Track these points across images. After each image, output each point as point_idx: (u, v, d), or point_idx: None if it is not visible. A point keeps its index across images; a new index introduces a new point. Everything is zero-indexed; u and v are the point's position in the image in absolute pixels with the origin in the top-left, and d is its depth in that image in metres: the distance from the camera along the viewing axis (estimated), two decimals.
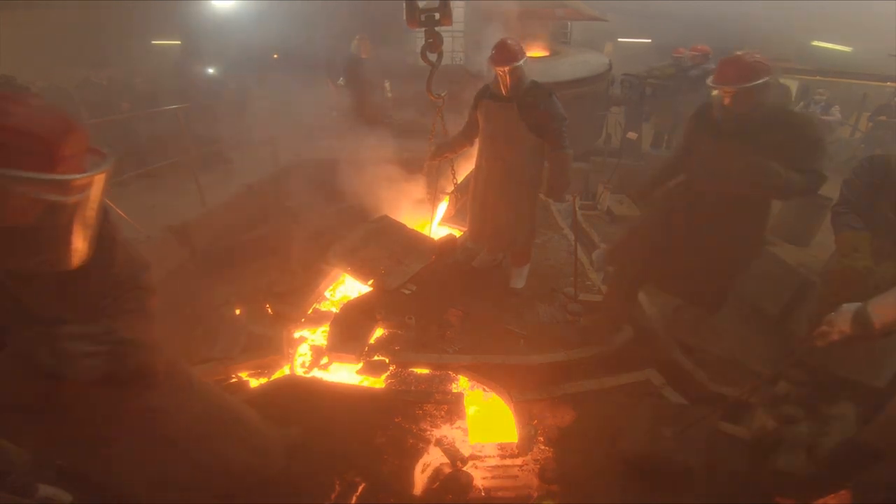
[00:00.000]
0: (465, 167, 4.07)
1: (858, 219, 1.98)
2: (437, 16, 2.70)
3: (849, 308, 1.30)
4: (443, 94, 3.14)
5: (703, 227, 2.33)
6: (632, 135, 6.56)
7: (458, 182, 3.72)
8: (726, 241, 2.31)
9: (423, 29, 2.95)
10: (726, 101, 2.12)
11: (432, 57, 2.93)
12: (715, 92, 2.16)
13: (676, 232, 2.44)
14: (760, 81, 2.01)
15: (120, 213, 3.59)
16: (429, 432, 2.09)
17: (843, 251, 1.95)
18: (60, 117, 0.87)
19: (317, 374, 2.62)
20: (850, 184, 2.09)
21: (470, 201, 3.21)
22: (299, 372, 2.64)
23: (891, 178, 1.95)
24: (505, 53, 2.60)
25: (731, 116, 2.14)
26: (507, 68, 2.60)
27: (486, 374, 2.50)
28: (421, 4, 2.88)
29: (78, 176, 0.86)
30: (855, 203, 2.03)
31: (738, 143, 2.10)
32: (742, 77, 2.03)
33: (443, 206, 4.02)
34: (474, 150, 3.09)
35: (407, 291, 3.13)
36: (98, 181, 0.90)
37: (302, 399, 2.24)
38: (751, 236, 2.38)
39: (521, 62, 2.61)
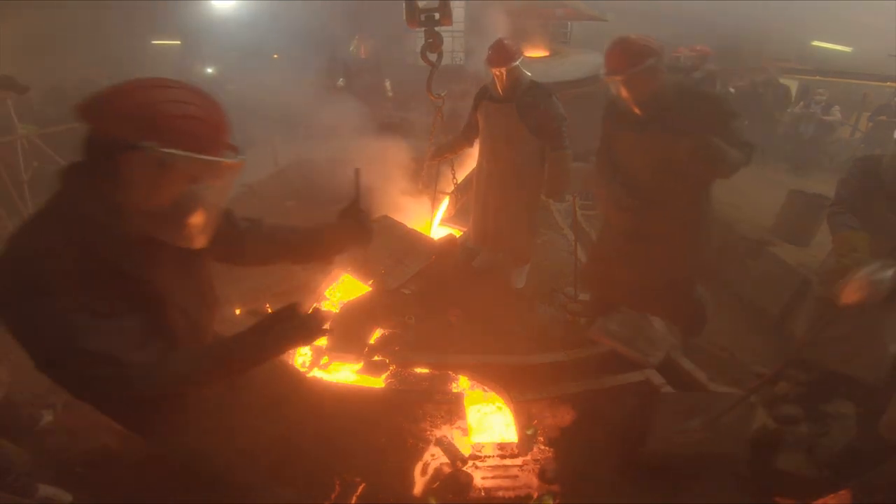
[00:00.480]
0: (466, 167, 4.07)
1: (855, 219, 1.98)
2: (437, 16, 2.70)
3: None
4: (443, 95, 3.14)
5: (642, 234, 2.22)
6: None
7: (458, 182, 3.72)
8: (668, 243, 2.19)
9: (423, 29, 2.95)
10: (621, 91, 2.03)
11: (432, 57, 2.93)
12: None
13: (620, 245, 2.36)
14: (647, 64, 1.92)
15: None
16: (429, 432, 2.09)
17: (842, 251, 1.94)
18: (221, 107, 1.00)
19: (316, 373, 2.62)
20: (846, 184, 2.10)
21: (471, 202, 3.22)
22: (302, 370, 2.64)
23: (884, 178, 1.96)
24: (501, 54, 2.60)
25: (638, 105, 2.04)
26: (503, 69, 2.60)
27: (486, 374, 2.50)
28: (421, 4, 2.88)
29: (233, 160, 1.00)
30: (851, 203, 2.03)
31: (656, 130, 2.01)
32: (628, 63, 1.94)
33: (443, 207, 4.02)
34: (475, 151, 3.10)
35: (407, 291, 3.13)
36: (238, 167, 1.03)
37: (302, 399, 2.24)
38: (692, 231, 2.23)
39: (518, 62, 2.61)
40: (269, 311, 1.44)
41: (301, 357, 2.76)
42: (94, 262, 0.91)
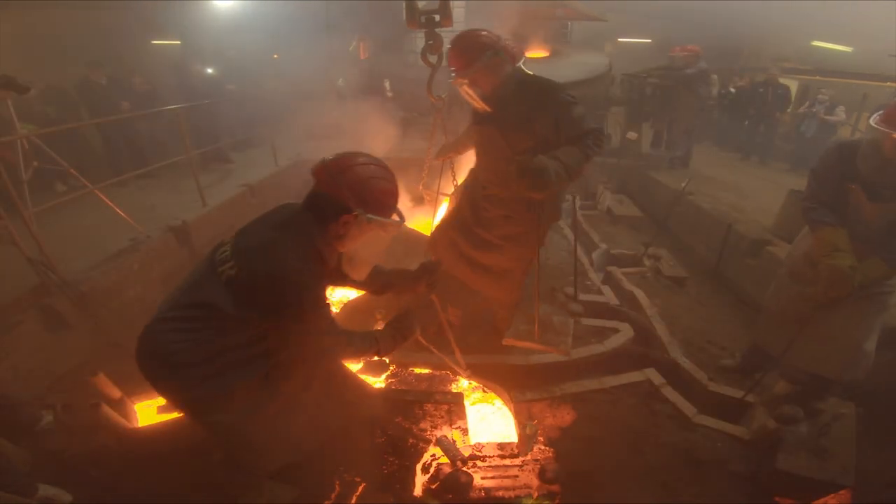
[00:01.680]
0: (467, 169, 4.06)
1: (831, 214, 1.95)
2: (438, 17, 2.69)
3: None
4: (443, 97, 3.14)
5: (483, 222, 2.31)
6: (632, 135, 6.57)
7: (459, 184, 3.71)
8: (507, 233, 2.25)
9: (424, 31, 2.94)
10: (466, 88, 1.96)
11: (433, 58, 2.92)
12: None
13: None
14: (485, 59, 1.86)
15: (120, 213, 3.59)
16: (429, 432, 2.09)
17: (824, 251, 1.91)
18: (395, 180, 1.45)
19: None
20: (817, 175, 2.04)
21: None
22: None
23: (861, 166, 1.90)
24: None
25: (483, 100, 1.99)
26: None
27: (486, 374, 2.50)
28: (420, 5, 2.88)
29: (403, 220, 1.48)
30: (823, 195, 1.99)
31: (495, 126, 2.00)
32: (467, 62, 1.88)
33: (443, 207, 4.02)
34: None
35: None
36: (401, 226, 1.49)
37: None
38: (528, 225, 2.20)
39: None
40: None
41: None
42: (320, 275, 1.36)
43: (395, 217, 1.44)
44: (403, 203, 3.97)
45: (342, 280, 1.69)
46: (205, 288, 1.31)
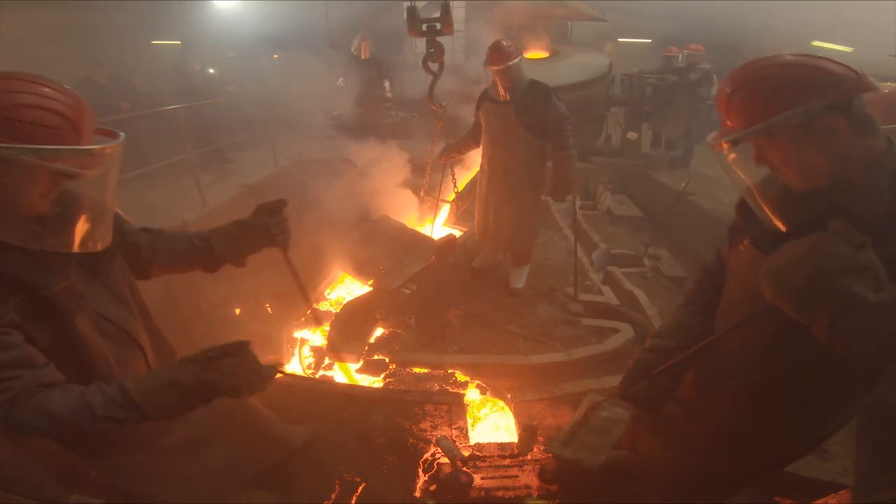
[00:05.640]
0: (467, 174, 4.07)
1: None
2: (439, 25, 2.70)
3: None
4: (444, 104, 3.14)
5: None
6: (632, 135, 6.57)
7: (460, 190, 3.71)
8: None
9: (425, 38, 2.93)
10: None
11: (434, 66, 2.92)
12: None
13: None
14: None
15: (120, 213, 3.59)
16: (429, 432, 2.09)
17: None
18: (68, 93, 0.90)
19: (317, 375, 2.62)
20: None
21: (475, 202, 3.22)
22: (307, 373, 2.64)
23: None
24: (498, 54, 2.61)
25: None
26: (500, 68, 2.61)
27: (486, 374, 2.50)
28: (420, 5, 2.88)
29: (92, 146, 0.88)
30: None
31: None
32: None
33: (444, 211, 4.02)
34: (479, 154, 3.09)
35: (407, 291, 3.13)
36: (113, 155, 0.92)
37: (303, 399, 2.24)
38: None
39: (515, 62, 2.61)
40: (269, 311, 1.39)
41: (307, 359, 2.76)
42: None
43: (77, 144, 0.87)
44: (402, 203, 3.99)
45: (92, 264, 1.05)
46: None
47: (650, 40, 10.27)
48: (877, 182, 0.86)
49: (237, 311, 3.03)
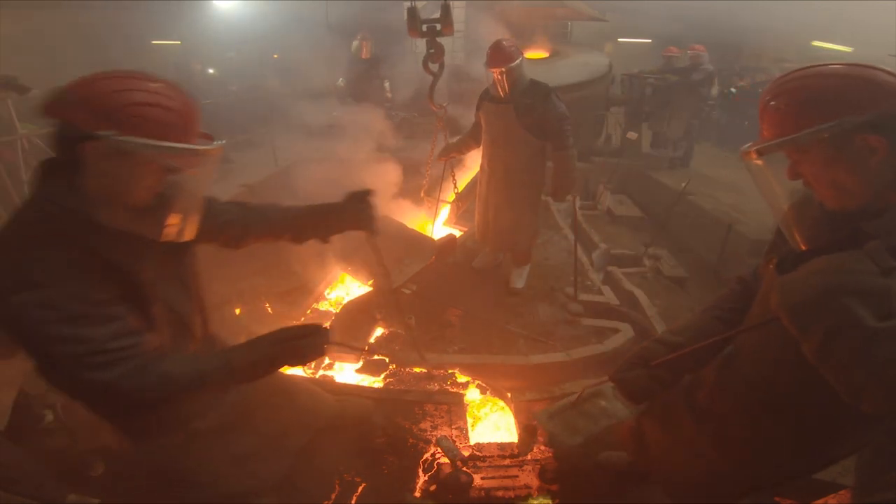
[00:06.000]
0: (467, 175, 4.07)
1: None
2: (439, 26, 2.69)
3: None
4: (444, 105, 3.14)
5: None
6: (632, 135, 6.57)
7: (460, 191, 3.71)
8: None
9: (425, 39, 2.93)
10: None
11: (434, 67, 2.92)
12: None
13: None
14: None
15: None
16: (429, 432, 2.09)
17: None
18: (186, 95, 0.98)
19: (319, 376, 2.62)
20: None
21: (475, 202, 3.22)
22: (307, 373, 2.64)
23: None
24: (499, 55, 2.60)
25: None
26: (502, 69, 2.60)
27: (486, 374, 2.50)
28: (421, 6, 2.88)
29: (207, 147, 0.98)
30: None
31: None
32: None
33: (444, 211, 4.02)
34: (479, 154, 3.09)
35: (407, 291, 3.13)
36: (216, 156, 1.01)
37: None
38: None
39: (517, 63, 2.61)
40: (269, 310, 1.41)
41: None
42: (80, 253, 0.91)
43: (189, 143, 0.95)
44: (403, 204, 3.99)
45: (170, 252, 1.10)
46: None
47: (650, 40, 10.27)
48: None
49: (237, 311, 3.03)
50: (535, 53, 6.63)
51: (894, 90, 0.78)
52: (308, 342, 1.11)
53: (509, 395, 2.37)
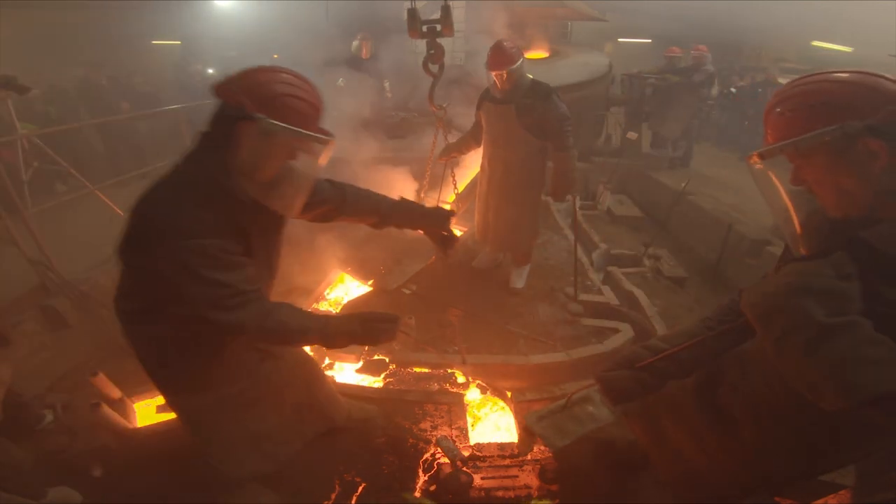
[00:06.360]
0: (467, 175, 4.06)
1: None
2: (439, 27, 2.69)
3: None
4: (444, 106, 3.14)
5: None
6: (632, 135, 6.57)
7: (460, 192, 3.71)
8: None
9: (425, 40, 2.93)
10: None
11: (434, 68, 2.92)
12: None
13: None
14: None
15: (120, 213, 3.59)
16: (429, 432, 2.09)
17: None
18: (321, 95, 1.19)
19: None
20: None
21: (476, 202, 3.22)
22: None
23: None
24: (499, 57, 2.60)
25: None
26: (502, 72, 2.60)
27: (486, 374, 2.50)
28: (421, 6, 2.87)
29: (331, 137, 1.20)
30: None
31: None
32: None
33: None
34: (479, 155, 3.09)
35: (407, 291, 3.13)
36: (330, 145, 1.21)
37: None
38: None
39: (518, 64, 2.61)
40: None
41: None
42: (222, 215, 1.11)
43: (314, 131, 1.16)
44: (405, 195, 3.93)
45: (273, 225, 1.32)
46: None
47: (650, 40, 10.28)
48: None
49: None
50: (535, 53, 6.63)
51: (893, 97, 0.79)
52: (385, 327, 1.30)
53: (509, 394, 2.37)
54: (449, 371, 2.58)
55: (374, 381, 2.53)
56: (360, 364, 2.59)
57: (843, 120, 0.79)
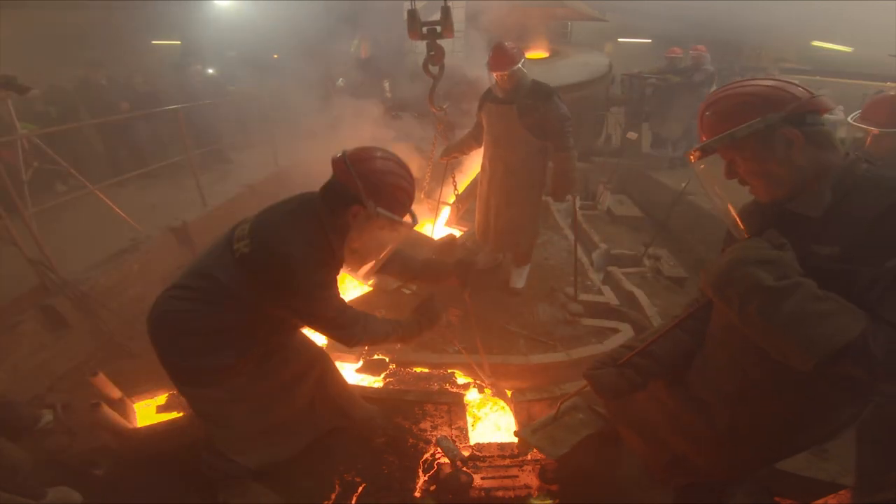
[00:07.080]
0: (467, 176, 4.06)
1: None
2: (439, 28, 2.69)
3: None
4: (444, 107, 3.14)
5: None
6: (632, 135, 6.57)
7: (460, 192, 3.70)
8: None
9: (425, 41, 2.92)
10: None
11: (434, 69, 2.92)
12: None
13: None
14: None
15: (120, 213, 3.59)
16: (429, 432, 2.09)
17: None
18: (414, 181, 1.44)
19: None
20: None
21: (476, 202, 3.22)
22: None
23: None
24: (501, 58, 2.61)
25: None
26: (504, 73, 2.61)
27: (485, 374, 2.50)
28: (420, 6, 2.87)
29: (412, 222, 1.47)
30: None
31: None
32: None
33: (444, 214, 4.01)
34: (480, 155, 3.09)
35: (407, 291, 3.13)
36: (412, 227, 1.51)
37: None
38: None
39: (518, 66, 2.62)
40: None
41: None
42: (325, 262, 1.37)
43: (407, 218, 1.43)
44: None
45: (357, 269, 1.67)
46: (216, 261, 1.38)
47: (650, 40, 10.28)
48: (823, 188, 0.95)
49: None
50: (535, 53, 6.63)
51: (803, 94, 0.95)
52: (436, 307, 1.73)
53: (509, 394, 2.37)
54: (449, 371, 2.58)
55: (374, 381, 2.54)
56: (360, 364, 2.59)
57: (766, 113, 0.94)
